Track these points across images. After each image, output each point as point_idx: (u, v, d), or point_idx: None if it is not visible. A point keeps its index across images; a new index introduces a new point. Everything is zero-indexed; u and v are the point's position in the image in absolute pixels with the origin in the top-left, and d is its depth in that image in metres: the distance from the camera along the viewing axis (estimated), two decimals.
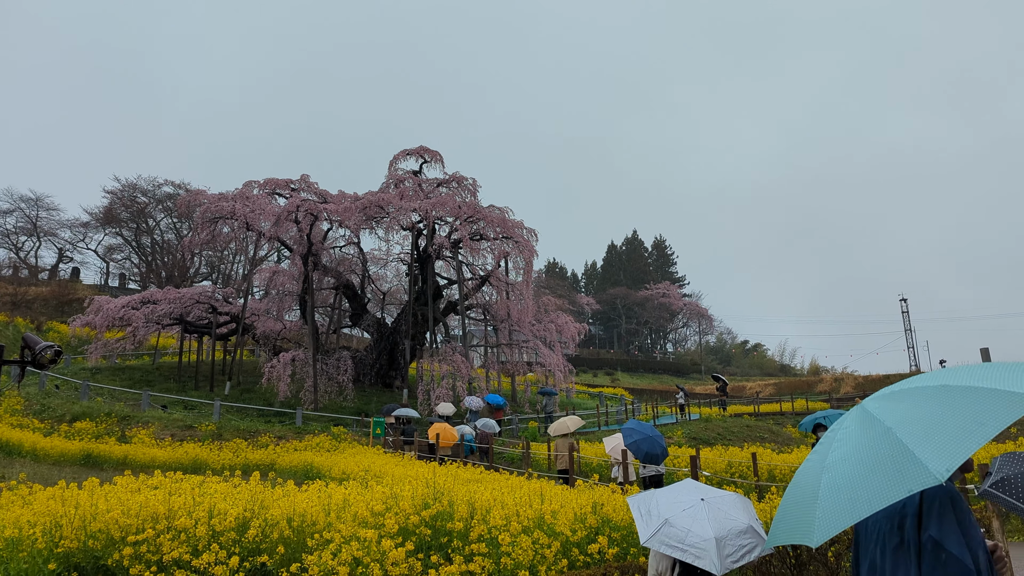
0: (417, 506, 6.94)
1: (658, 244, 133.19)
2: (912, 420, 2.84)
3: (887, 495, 2.64)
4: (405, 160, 43.29)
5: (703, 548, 4.40)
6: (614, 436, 14.05)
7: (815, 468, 3.10)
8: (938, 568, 2.88)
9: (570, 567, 6.12)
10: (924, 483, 2.57)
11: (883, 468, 2.73)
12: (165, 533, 5.88)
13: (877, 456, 2.81)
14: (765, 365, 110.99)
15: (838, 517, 2.79)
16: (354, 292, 41.10)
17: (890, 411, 2.97)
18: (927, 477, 2.57)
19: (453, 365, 34.65)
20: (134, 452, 19.89)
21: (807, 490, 3.04)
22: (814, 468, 3.11)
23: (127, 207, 66.48)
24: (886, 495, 2.65)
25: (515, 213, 39.71)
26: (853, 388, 62.99)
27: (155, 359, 44.97)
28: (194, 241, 39.97)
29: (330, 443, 24.40)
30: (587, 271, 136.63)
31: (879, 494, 2.67)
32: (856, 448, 2.95)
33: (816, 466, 3.10)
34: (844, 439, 3.07)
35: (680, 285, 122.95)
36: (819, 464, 3.08)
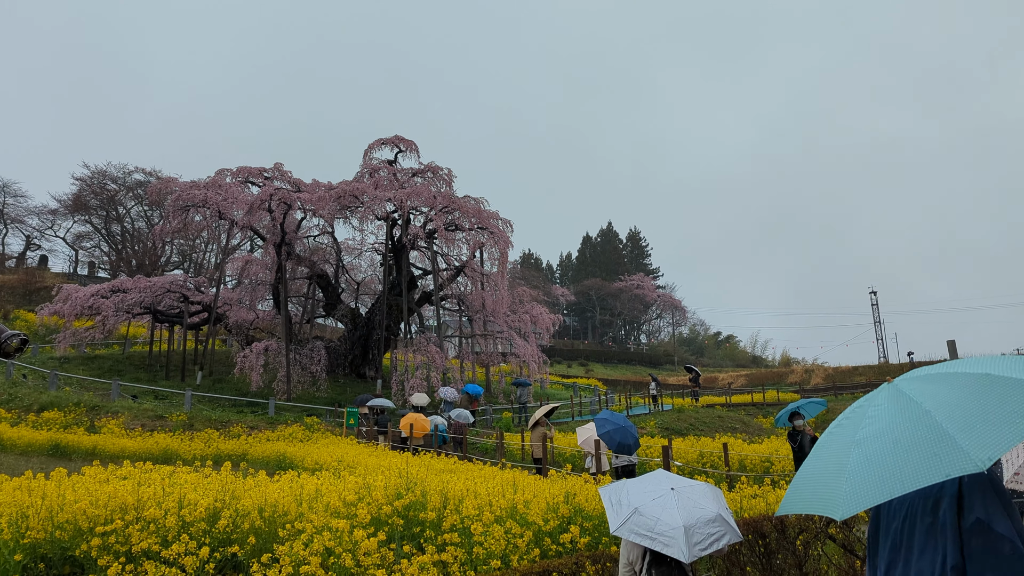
0: (390, 496, 6.94)
1: (633, 236, 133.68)
2: (952, 405, 2.82)
3: (922, 477, 2.63)
4: (380, 149, 43.04)
5: (672, 536, 4.45)
6: (587, 427, 14.11)
7: (842, 442, 3.08)
8: (989, 550, 2.89)
9: (542, 556, 6.15)
10: (964, 469, 2.56)
11: (919, 450, 2.72)
12: (134, 524, 5.83)
13: (913, 437, 2.79)
14: (737, 356, 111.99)
15: (867, 493, 2.78)
16: (328, 282, 40.87)
17: (928, 394, 2.96)
18: (967, 463, 2.55)
19: (427, 355, 34.60)
20: (103, 442, 19.65)
21: (832, 464, 3.03)
22: (840, 442, 3.10)
23: (96, 194, 65.47)
24: (921, 477, 2.63)
25: (491, 204, 39.67)
26: (823, 379, 63.77)
27: (125, 348, 44.43)
28: (165, 229, 39.47)
29: (303, 433, 24.29)
30: (562, 262, 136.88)
31: (914, 475, 2.66)
32: (890, 426, 2.93)
33: (843, 440, 3.09)
34: (876, 416, 3.05)
35: (654, 277, 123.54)
36: (847, 439, 3.06)
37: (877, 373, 61.30)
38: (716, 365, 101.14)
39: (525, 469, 14.00)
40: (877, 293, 79.02)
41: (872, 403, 3.17)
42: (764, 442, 21.69)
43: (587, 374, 75.13)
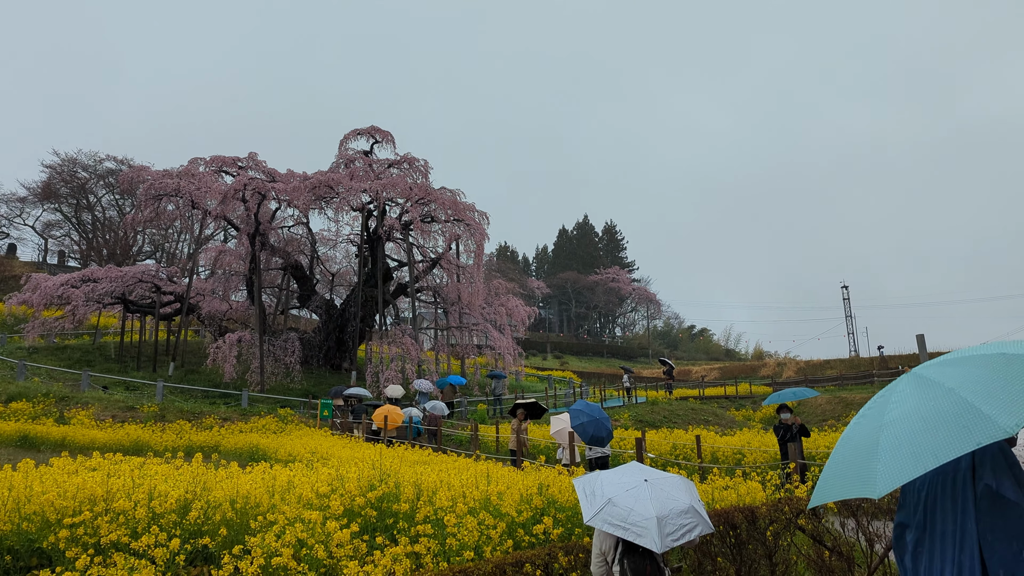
0: (363, 488, 6.93)
1: (608, 229, 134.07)
2: (974, 381, 2.93)
3: (953, 448, 2.72)
4: (356, 140, 42.79)
5: (644, 527, 4.51)
6: (560, 418, 14.13)
7: (870, 427, 3.17)
8: (996, 515, 3.01)
9: (515, 547, 6.17)
10: (993, 436, 2.65)
11: (947, 424, 2.82)
12: (103, 515, 5.77)
13: (940, 413, 2.89)
14: (711, 350, 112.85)
15: (902, 470, 2.86)
16: (303, 273, 40.61)
17: (949, 375, 3.07)
18: (995, 430, 2.65)
19: (403, 347, 34.53)
20: (73, 434, 19.41)
21: (862, 447, 3.11)
22: (868, 427, 3.19)
23: (67, 182, 64.45)
24: (952, 448, 2.73)
25: (467, 196, 39.58)
26: (795, 373, 64.41)
27: (96, 339, 43.84)
28: (137, 218, 38.96)
29: (277, 425, 24.17)
30: (538, 255, 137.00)
31: (945, 447, 2.75)
32: (916, 407, 3.03)
33: (871, 425, 3.18)
34: (901, 400, 3.15)
35: (629, 270, 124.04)
36: (875, 423, 3.15)
37: (848, 367, 62.04)
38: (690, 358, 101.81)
39: (499, 461, 14.03)
40: (849, 288, 79.96)
41: (894, 390, 3.27)
42: (736, 434, 21.89)
43: (562, 367, 75.33)
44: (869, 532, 7.22)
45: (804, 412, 35.26)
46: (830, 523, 7.11)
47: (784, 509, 6.75)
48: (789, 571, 6.74)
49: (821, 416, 33.14)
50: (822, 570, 6.77)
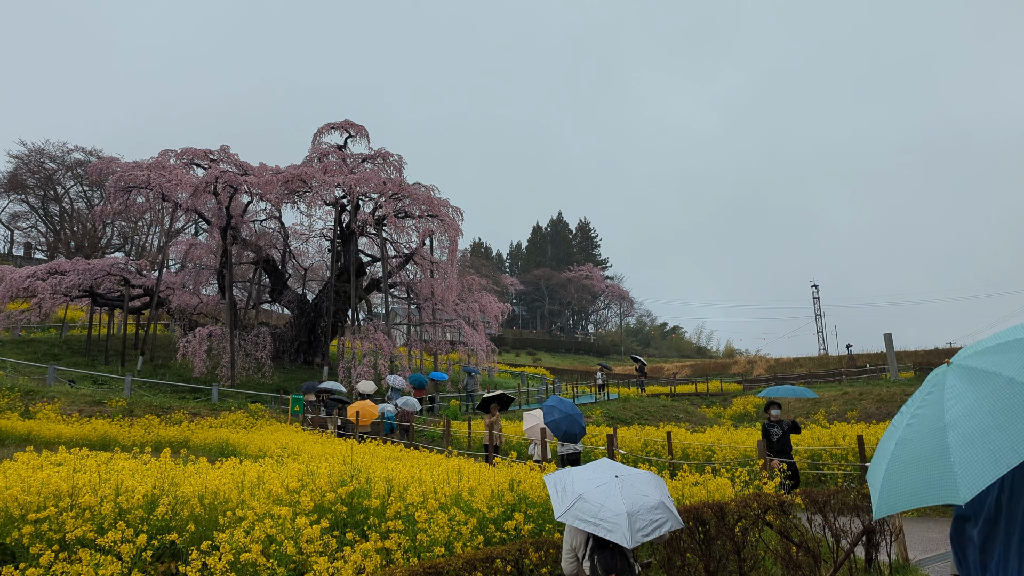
0: (334, 483, 6.90)
1: (582, 227, 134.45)
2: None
3: None
4: (329, 134, 42.50)
5: (615, 522, 4.56)
6: (532, 414, 14.14)
7: (928, 429, 3.06)
8: None
9: (486, 543, 6.18)
10: None
11: (1020, 416, 2.74)
12: (68, 511, 5.69)
13: (1009, 406, 2.85)
14: (683, 347, 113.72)
15: (983, 470, 2.79)
16: (275, 267, 40.29)
17: (1002, 363, 2.99)
18: None
19: (375, 343, 34.41)
20: (38, 428, 19.11)
21: (927, 451, 3.00)
22: (927, 430, 3.08)
23: (34, 173, 63.34)
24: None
25: (441, 191, 39.50)
26: (765, 370, 65.08)
27: (63, 332, 43.15)
28: (106, 210, 38.39)
29: (247, 420, 23.97)
30: (512, 252, 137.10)
31: (1023, 441, 2.75)
32: (978, 402, 2.94)
33: (929, 427, 3.07)
34: (957, 397, 3.06)
35: (603, 267, 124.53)
36: (933, 425, 3.05)
37: (817, 364, 62.81)
38: (662, 355, 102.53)
39: (471, 456, 14.03)
40: (819, 287, 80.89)
41: (945, 386, 3.18)
42: (707, 431, 22.08)
43: (535, 363, 75.48)
44: (835, 528, 7.33)
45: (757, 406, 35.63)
46: (797, 519, 7.21)
47: (752, 505, 6.83)
48: (757, 566, 6.82)
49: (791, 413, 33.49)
50: (789, 565, 6.86)
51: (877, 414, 28.81)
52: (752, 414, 35.33)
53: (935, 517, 12.22)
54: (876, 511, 3.11)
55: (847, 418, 27.43)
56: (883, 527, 7.77)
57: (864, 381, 39.56)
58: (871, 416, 28.14)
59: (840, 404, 32.54)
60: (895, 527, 8.17)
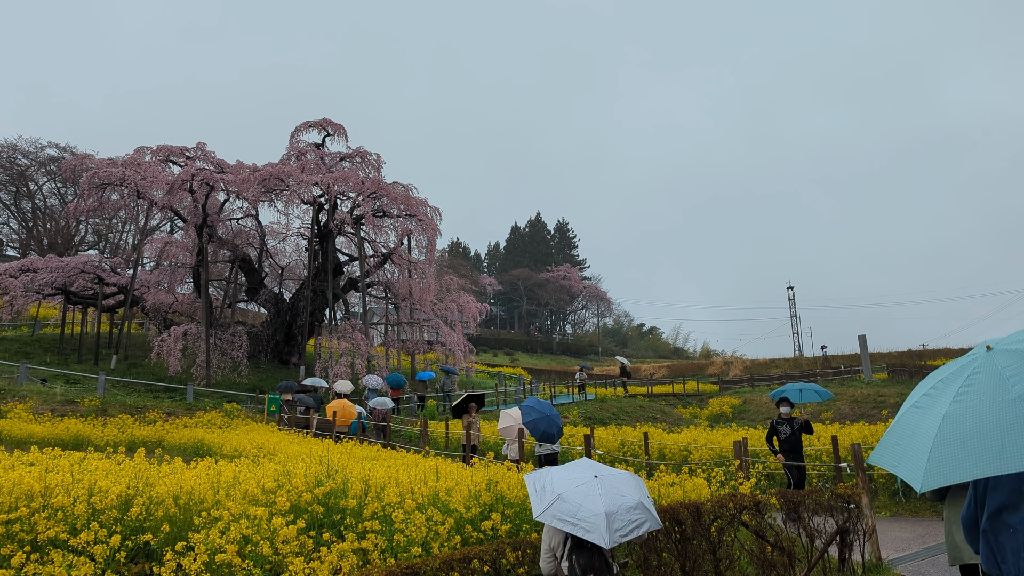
0: (310, 484, 6.87)
1: (561, 227, 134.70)
2: None
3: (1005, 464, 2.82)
4: (307, 132, 42.27)
5: (593, 523, 4.59)
6: (508, 414, 14.15)
7: (992, 403, 3.07)
8: None
9: (464, 543, 6.18)
10: None
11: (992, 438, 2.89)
12: (40, 512, 5.62)
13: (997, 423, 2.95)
14: (660, 348, 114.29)
15: (947, 472, 2.94)
16: (251, 266, 40.00)
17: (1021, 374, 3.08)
18: None
19: (352, 343, 34.26)
20: (9, 427, 18.86)
21: (994, 423, 3.02)
22: (989, 403, 3.09)
23: (6, 169, 62.39)
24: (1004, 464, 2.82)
25: (420, 191, 39.44)
26: (741, 371, 65.59)
27: (35, 330, 42.58)
28: (79, 208, 37.93)
29: (222, 420, 23.78)
30: (490, 252, 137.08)
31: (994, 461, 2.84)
32: (979, 407, 3.05)
33: (993, 400, 3.10)
34: (969, 393, 3.17)
35: (581, 268, 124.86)
36: (999, 398, 3.08)
37: (792, 366, 63.33)
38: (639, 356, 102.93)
39: (449, 457, 14.01)
40: (794, 288, 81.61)
41: (998, 366, 3.24)
42: (683, 432, 22.21)
43: (513, 363, 75.53)
44: (810, 528, 7.41)
45: (750, 410, 35.92)
46: (773, 519, 7.27)
47: (728, 505, 6.88)
48: (732, 566, 6.88)
49: (766, 414, 33.76)
50: (764, 565, 6.92)
51: (851, 415, 29.12)
52: (728, 415, 35.58)
53: (907, 517, 12.38)
54: (925, 484, 3.15)
55: (821, 419, 27.71)
56: (857, 527, 7.86)
57: (839, 382, 39.96)
58: (845, 417, 28.44)
59: (815, 405, 32.84)
60: (869, 527, 8.27)
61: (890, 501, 13.74)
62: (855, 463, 9.04)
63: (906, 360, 50.53)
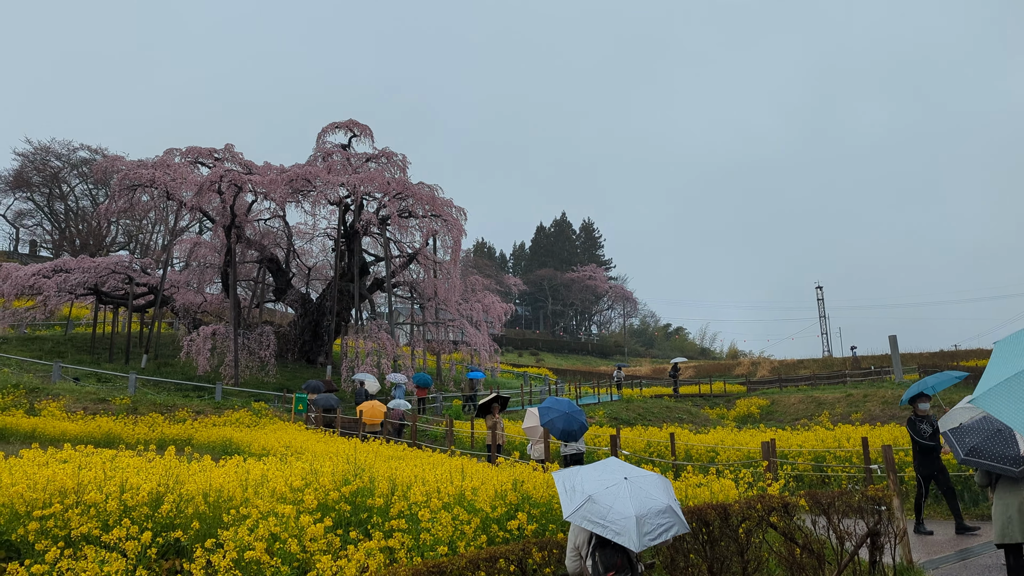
0: (337, 482, 6.91)
1: (586, 227, 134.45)
2: None
3: None
4: (334, 133, 42.56)
5: (623, 525, 4.60)
6: (533, 412, 14.16)
7: None
8: None
9: (489, 543, 6.18)
10: None
11: None
12: (74, 508, 5.71)
13: None
14: (686, 348, 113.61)
15: None
16: (278, 266, 40.34)
17: None
18: None
19: (378, 342, 34.43)
20: (43, 425, 19.16)
21: None
22: None
23: (39, 171, 63.56)
24: None
25: (445, 191, 39.56)
26: (769, 372, 65.04)
27: (67, 330, 43.28)
28: (110, 209, 38.49)
29: (250, 419, 23.99)
30: (515, 252, 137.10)
31: None
32: None
33: None
34: None
35: (606, 268, 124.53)
36: None
37: (821, 366, 62.71)
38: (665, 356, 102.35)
39: (474, 456, 14.03)
40: (823, 288, 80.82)
41: None
42: (710, 432, 22.06)
43: (538, 364, 75.50)
44: (840, 530, 7.32)
45: (778, 411, 35.61)
46: (801, 520, 7.20)
47: (756, 506, 6.82)
48: (761, 568, 6.81)
49: (794, 415, 33.49)
50: (793, 567, 6.85)
51: (881, 416, 28.76)
52: (755, 415, 35.31)
53: (939, 520, 12.19)
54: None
55: (851, 420, 27.39)
56: (888, 529, 7.76)
57: (868, 383, 39.51)
58: (875, 418, 28.09)
59: (844, 406, 32.50)
60: (900, 529, 8.16)
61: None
62: (886, 465, 8.92)
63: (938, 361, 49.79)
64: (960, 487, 12.85)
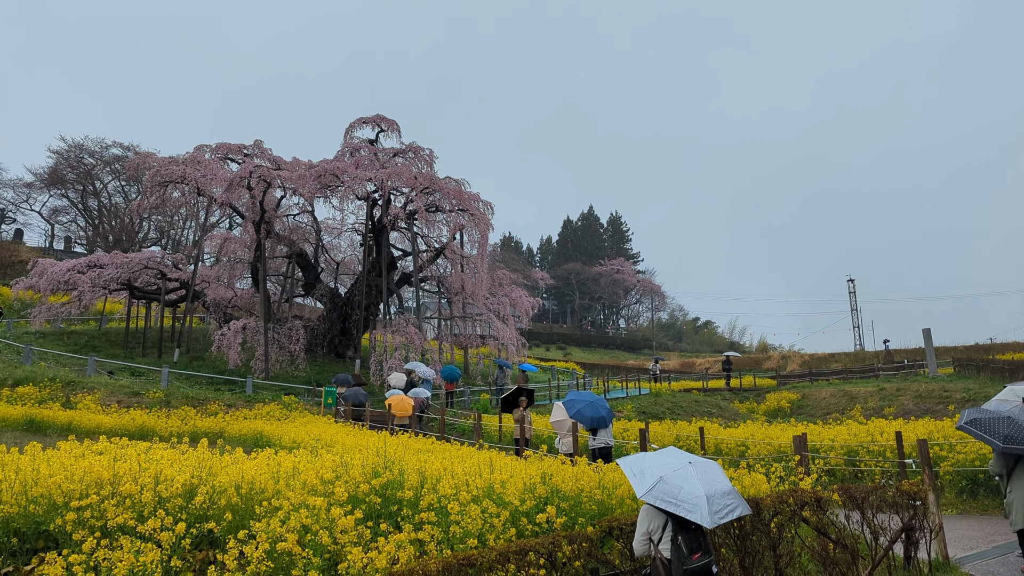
0: (367, 475, 6.94)
1: (613, 220, 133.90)
2: None
3: None
4: (361, 128, 42.73)
5: (695, 504, 4.97)
6: (560, 406, 14.21)
7: None
8: None
9: (518, 536, 6.18)
10: None
11: None
12: (110, 499, 5.78)
13: None
14: (715, 342, 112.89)
15: None
16: (307, 261, 40.64)
17: None
18: None
19: (406, 337, 34.57)
20: (79, 418, 19.46)
21: None
22: None
23: (73, 168, 64.59)
24: None
25: (472, 185, 39.58)
26: (799, 366, 64.40)
27: (101, 324, 44.00)
28: (143, 205, 39.05)
29: (280, 412, 24.20)
30: (542, 246, 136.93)
31: None
32: None
33: None
34: None
35: (634, 262, 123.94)
36: None
37: (853, 360, 62.01)
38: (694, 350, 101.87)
39: (502, 450, 14.04)
40: (855, 281, 79.82)
41: None
42: (740, 426, 21.90)
43: (565, 358, 75.40)
44: (874, 525, 7.23)
45: (808, 406, 35.26)
46: (834, 515, 7.12)
47: (788, 501, 6.75)
48: (793, 562, 6.75)
49: (825, 409, 33.12)
50: (826, 562, 6.78)
51: (915, 410, 28.36)
52: (786, 410, 34.99)
53: (975, 515, 12.01)
54: None
55: (884, 414, 27.07)
56: (923, 524, 7.65)
57: (902, 377, 38.97)
58: (909, 412, 27.71)
59: (877, 400, 32.09)
60: (935, 524, 8.04)
61: (957, 498, 13.35)
62: (921, 459, 8.79)
63: (973, 354, 49.01)
64: None
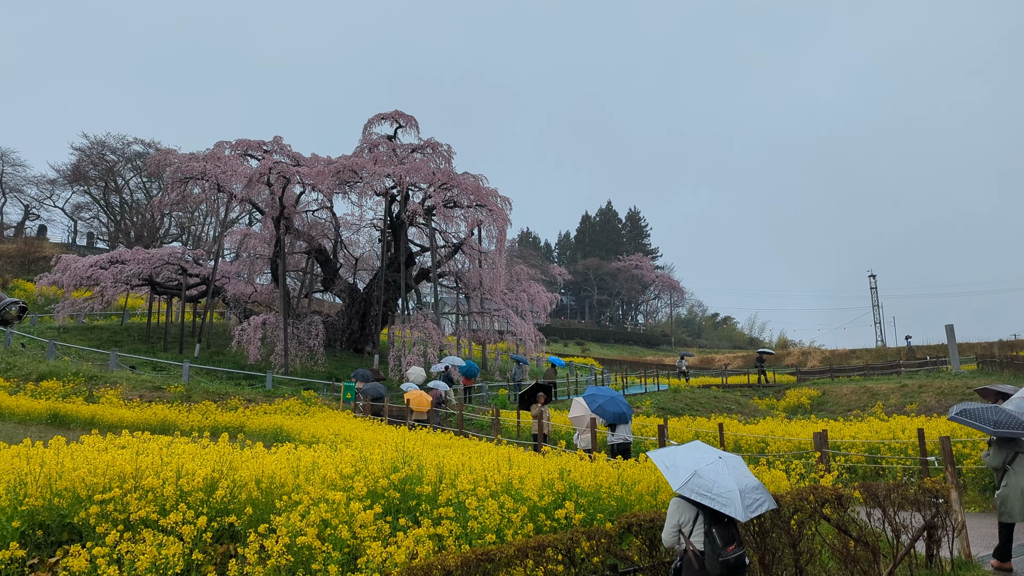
0: (386, 469, 6.96)
1: (632, 216, 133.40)
2: None
3: None
4: (380, 124, 42.83)
5: (729, 498, 5.12)
6: (579, 402, 14.21)
7: None
8: None
9: (537, 531, 6.18)
10: None
11: None
12: (132, 492, 5.84)
13: None
14: (734, 338, 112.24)
15: None
16: (326, 257, 40.82)
17: None
18: None
19: (424, 332, 34.65)
20: (102, 412, 19.68)
21: None
22: None
23: (95, 165, 65.24)
24: None
25: (490, 181, 39.56)
26: (820, 362, 63.91)
27: (124, 319, 44.45)
28: (164, 201, 39.37)
29: (300, 407, 24.36)
30: (560, 241, 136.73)
31: None
32: None
33: None
34: None
35: (653, 257, 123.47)
36: None
37: (874, 356, 61.48)
38: (713, 346, 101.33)
39: (520, 445, 14.05)
40: (876, 277, 79.12)
41: None
42: (760, 423, 21.79)
43: (583, 353, 75.27)
44: (896, 523, 7.16)
45: (829, 402, 35.01)
46: (855, 513, 7.06)
47: (809, 498, 6.71)
48: (813, 560, 6.71)
49: (846, 406, 32.87)
50: (847, 560, 6.73)
51: (937, 407, 28.08)
52: (806, 406, 34.75)
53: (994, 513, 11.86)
54: None
55: (906, 411, 26.81)
56: (945, 522, 7.58)
57: (924, 374, 38.60)
58: (931, 409, 27.44)
59: (899, 397, 31.81)
60: (958, 523, 7.96)
61: (980, 496, 13.21)
62: (944, 457, 8.71)
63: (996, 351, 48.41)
64: None
